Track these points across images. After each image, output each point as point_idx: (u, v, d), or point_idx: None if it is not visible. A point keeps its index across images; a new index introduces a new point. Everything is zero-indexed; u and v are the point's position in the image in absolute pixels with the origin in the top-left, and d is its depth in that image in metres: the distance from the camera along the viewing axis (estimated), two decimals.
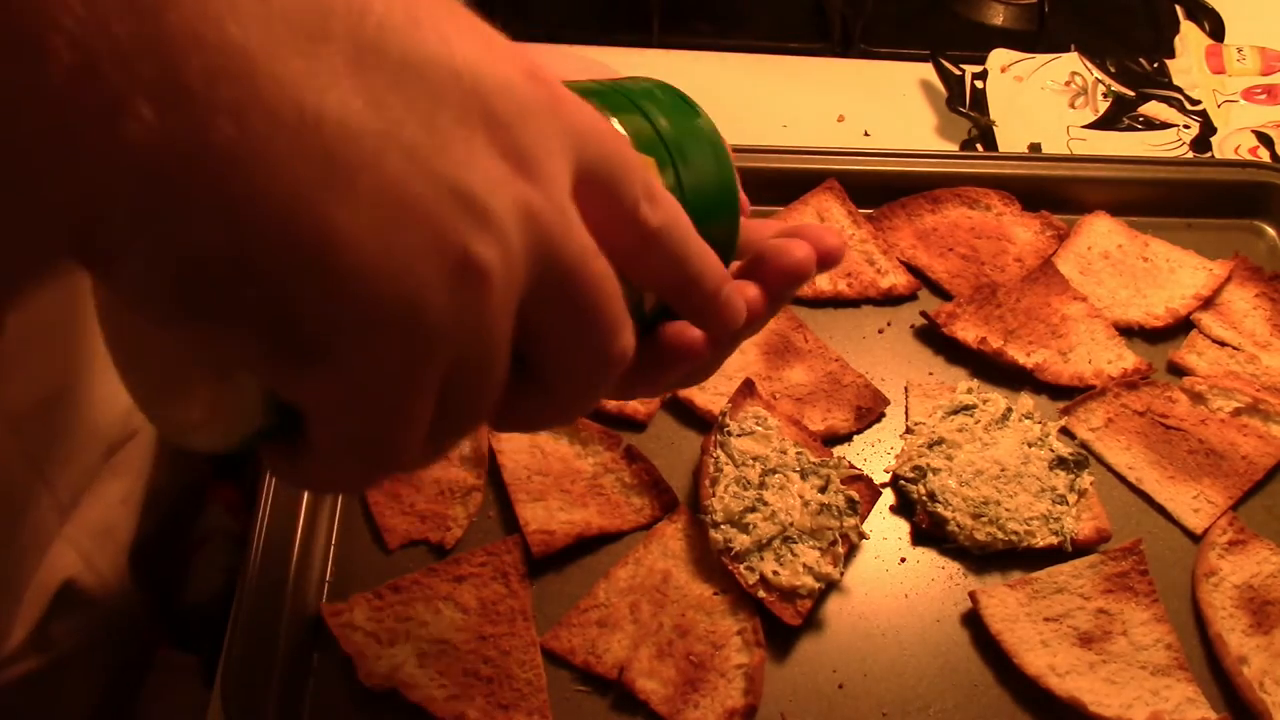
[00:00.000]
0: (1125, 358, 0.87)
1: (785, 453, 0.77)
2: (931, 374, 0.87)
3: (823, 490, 0.76)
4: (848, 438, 0.83)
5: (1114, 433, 0.84)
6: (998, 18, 1.20)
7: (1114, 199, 0.96)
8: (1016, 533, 0.77)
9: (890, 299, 0.91)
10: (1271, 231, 0.98)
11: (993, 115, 1.06)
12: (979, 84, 1.08)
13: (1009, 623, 0.73)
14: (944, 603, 0.76)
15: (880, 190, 0.94)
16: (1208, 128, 1.07)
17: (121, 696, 0.84)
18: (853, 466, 0.79)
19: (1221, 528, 0.79)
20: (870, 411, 0.84)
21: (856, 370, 0.85)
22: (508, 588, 0.73)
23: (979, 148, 1.05)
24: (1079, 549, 0.77)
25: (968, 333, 0.87)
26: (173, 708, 0.84)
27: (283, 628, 0.69)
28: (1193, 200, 0.98)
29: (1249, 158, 1.04)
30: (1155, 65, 1.12)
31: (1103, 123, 1.07)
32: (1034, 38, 1.16)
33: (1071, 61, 1.11)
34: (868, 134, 1.07)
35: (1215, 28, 1.17)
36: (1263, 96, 1.10)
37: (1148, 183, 0.98)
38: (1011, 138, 1.05)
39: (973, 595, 0.74)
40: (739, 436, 0.77)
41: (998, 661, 0.73)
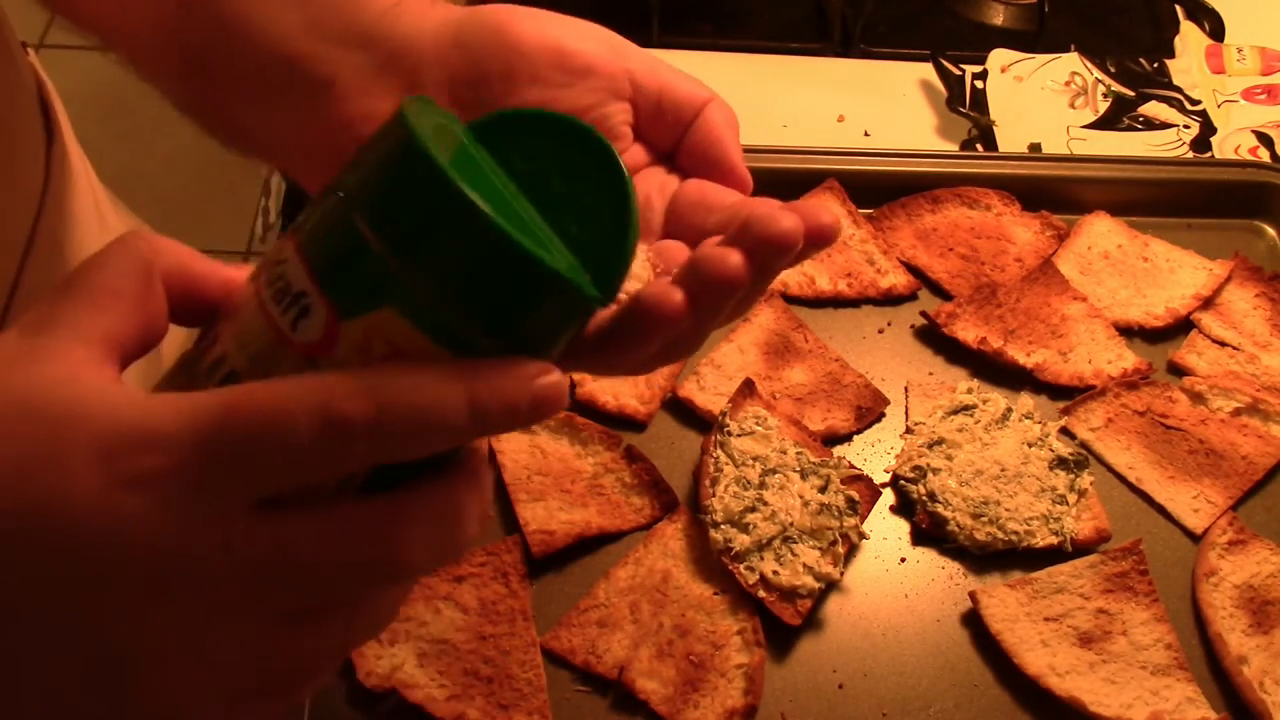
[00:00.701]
0: (1125, 358, 0.87)
1: (785, 453, 0.77)
2: (931, 374, 0.87)
3: (823, 490, 0.76)
4: (848, 438, 0.83)
5: (1114, 433, 0.84)
6: (998, 18, 1.20)
7: (1114, 199, 0.96)
8: (1016, 533, 0.77)
9: (890, 299, 0.91)
10: (1271, 231, 0.98)
11: (993, 115, 1.06)
12: (979, 84, 1.08)
13: (1009, 623, 0.73)
14: (944, 603, 0.76)
15: (880, 190, 0.94)
16: (1208, 128, 1.07)
17: None
18: (853, 466, 0.79)
19: (1221, 528, 0.79)
20: (870, 411, 0.84)
21: (856, 370, 0.85)
22: (508, 588, 0.73)
23: (979, 148, 1.05)
24: (1079, 549, 0.77)
25: (968, 333, 0.87)
26: None
27: None
28: (1193, 200, 0.98)
29: (1249, 158, 1.04)
30: (1155, 65, 1.12)
31: (1103, 123, 1.07)
32: (1034, 38, 1.16)
33: (1071, 61, 1.11)
34: (868, 134, 1.06)
35: (1215, 28, 1.17)
36: (1263, 96, 1.10)
37: (1148, 183, 0.98)
38: (1011, 138, 1.05)
39: (973, 595, 0.74)
40: (739, 436, 0.77)
41: (998, 661, 0.73)
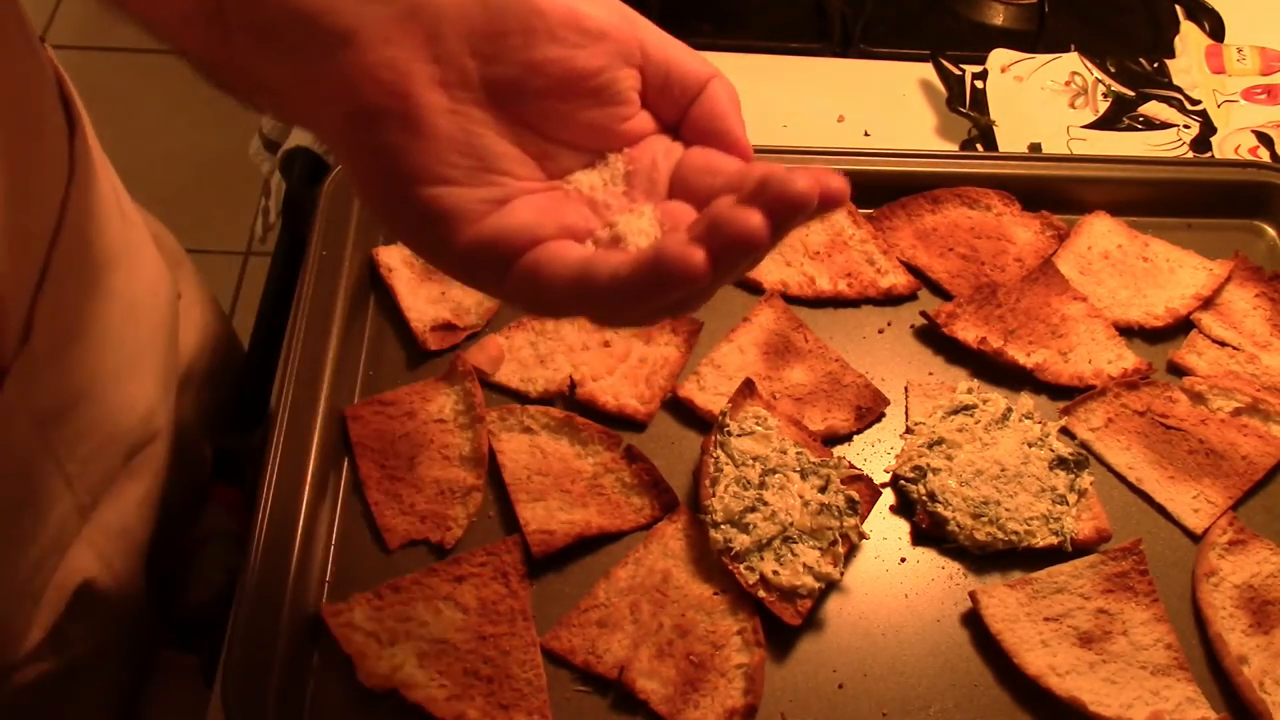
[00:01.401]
0: (1125, 358, 0.87)
1: (785, 453, 0.77)
2: (931, 374, 0.87)
3: (823, 490, 0.76)
4: (848, 438, 0.83)
5: (1114, 433, 0.84)
6: (998, 18, 1.20)
7: (1114, 199, 0.96)
8: (1016, 533, 0.76)
9: (890, 299, 0.91)
10: (1271, 231, 0.98)
11: (993, 115, 1.06)
12: (979, 84, 1.08)
13: (1009, 623, 0.73)
14: (944, 603, 0.76)
15: (880, 190, 0.94)
16: (1208, 128, 1.07)
17: (127, 697, 0.84)
18: (853, 466, 0.79)
19: (1221, 528, 0.79)
20: (870, 411, 0.84)
21: (856, 370, 0.85)
22: (508, 588, 0.73)
23: (979, 148, 1.05)
24: (1079, 549, 0.77)
25: (968, 333, 0.87)
26: (173, 708, 0.84)
27: (283, 628, 0.69)
28: (1193, 200, 0.98)
29: (1249, 158, 1.04)
30: (1155, 65, 1.12)
31: (1103, 123, 1.07)
32: (1034, 38, 1.16)
33: (1071, 61, 1.11)
34: (868, 134, 1.06)
35: (1215, 28, 1.17)
36: (1263, 96, 1.10)
37: (1148, 183, 0.98)
38: (1011, 138, 1.05)
39: (973, 595, 0.74)
40: (739, 436, 0.77)
41: (998, 661, 0.73)
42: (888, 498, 0.80)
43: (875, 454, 0.83)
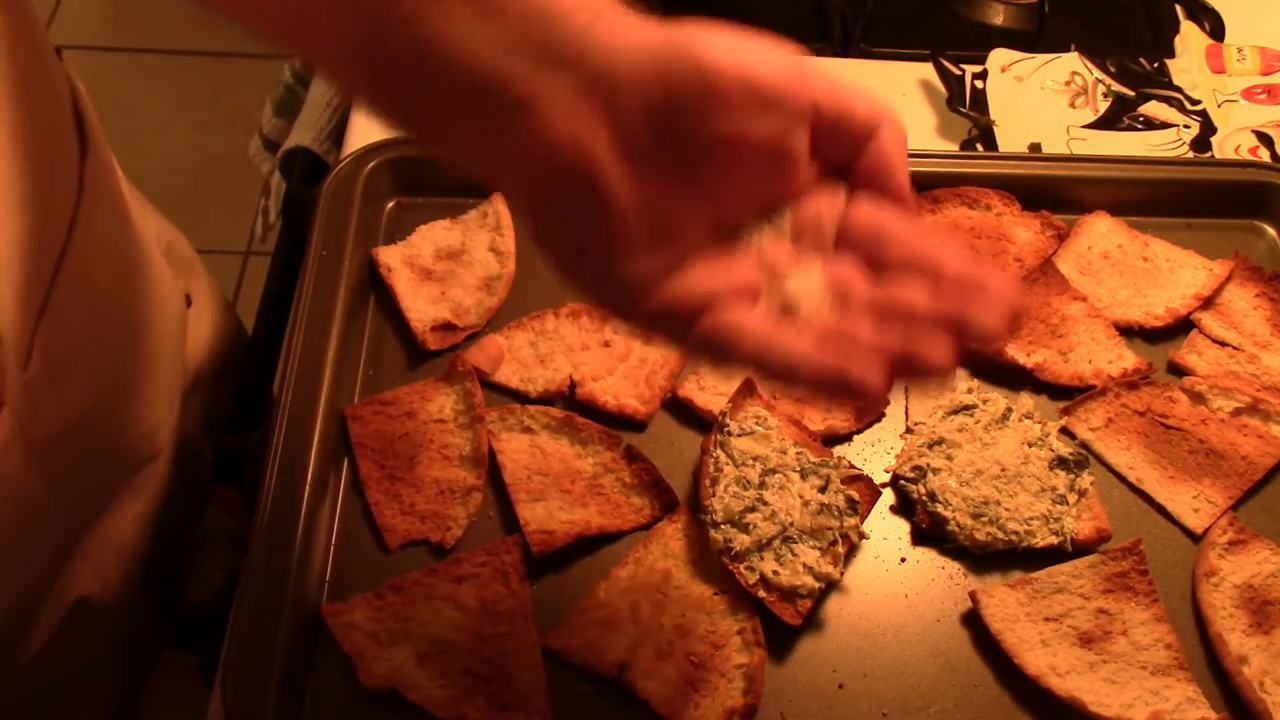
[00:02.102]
0: (1125, 358, 0.87)
1: (785, 453, 0.77)
2: None
3: (823, 490, 0.76)
4: (848, 438, 0.83)
5: (1114, 433, 0.84)
6: (998, 18, 1.20)
7: (1114, 199, 0.96)
8: (1016, 533, 0.76)
9: None
10: (1271, 231, 0.98)
11: (993, 115, 1.06)
12: (979, 84, 1.08)
13: (1009, 623, 0.73)
14: (944, 603, 0.76)
15: None
16: (1208, 128, 1.06)
17: (126, 699, 0.84)
18: (853, 466, 0.79)
19: (1221, 528, 0.79)
20: (870, 411, 0.84)
21: None
22: (508, 588, 0.73)
23: (979, 148, 1.05)
24: (1079, 549, 0.77)
25: None
26: (173, 708, 0.84)
27: (283, 628, 0.69)
28: (1193, 200, 0.97)
29: (1249, 158, 1.04)
30: (1155, 65, 1.12)
31: (1103, 123, 1.07)
32: (1034, 38, 1.16)
33: (1071, 61, 1.11)
34: None
35: (1215, 28, 1.17)
36: (1263, 96, 1.10)
37: (1148, 183, 0.98)
38: (1011, 138, 1.05)
39: (973, 595, 0.74)
40: (739, 436, 0.77)
41: (998, 661, 0.73)
42: (888, 498, 0.80)
43: (875, 454, 0.83)
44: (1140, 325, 0.90)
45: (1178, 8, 1.19)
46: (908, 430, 0.83)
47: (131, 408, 0.74)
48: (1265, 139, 1.05)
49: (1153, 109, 1.08)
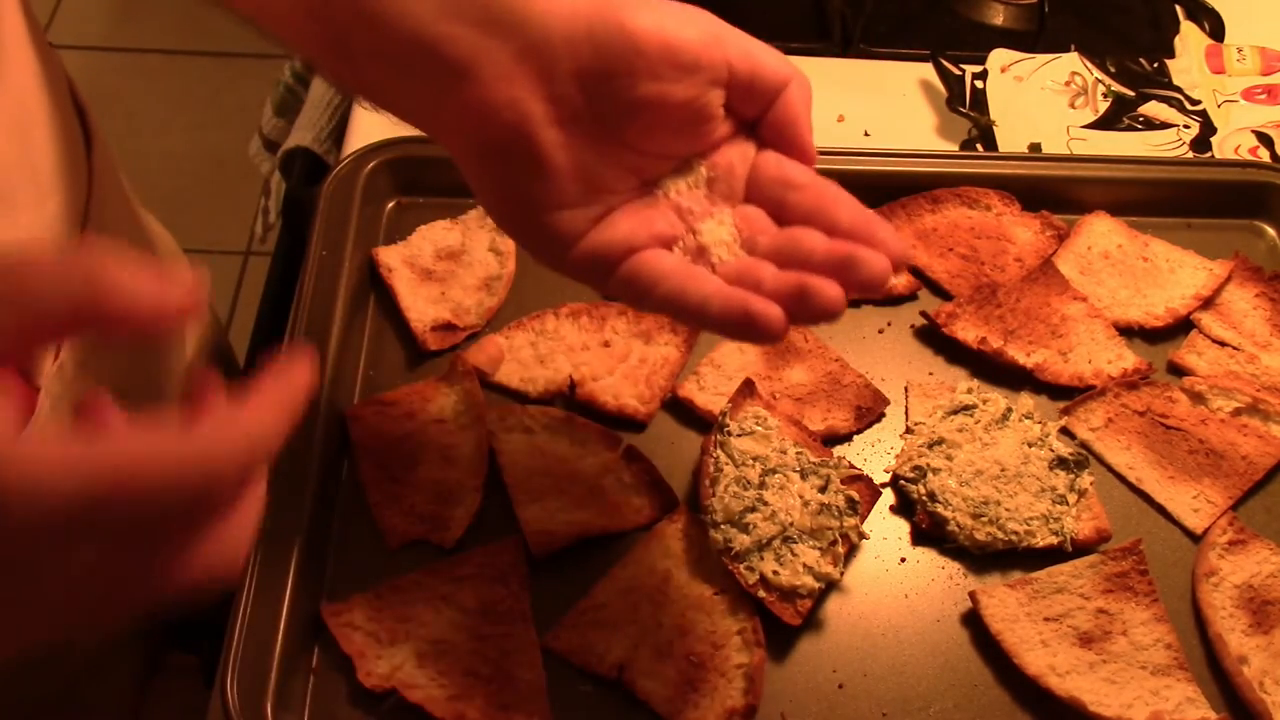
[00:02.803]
0: (1125, 358, 0.87)
1: (785, 453, 0.77)
2: (931, 374, 0.87)
3: (823, 490, 0.76)
4: (848, 438, 0.83)
5: (1114, 433, 0.84)
6: (998, 18, 1.20)
7: (1114, 199, 0.96)
8: (1016, 533, 0.77)
9: (890, 299, 0.91)
10: (1271, 231, 0.98)
11: (993, 115, 1.06)
12: (979, 84, 1.08)
13: (1009, 623, 0.73)
14: (944, 603, 0.76)
15: (880, 190, 0.94)
16: (1208, 128, 1.07)
17: (135, 696, 0.84)
18: (853, 466, 0.79)
19: (1221, 528, 0.79)
20: (870, 411, 0.84)
21: (856, 370, 0.85)
22: (508, 588, 0.73)
23: (979, 148, 1.05)
24: (1079, 549, 0.77)
25: (968, 333, 0.87)
26: (173, 708, 0.84)
27: (283, 628, 0.69)
28: (1193, 200, 0.97)
29: (1249, 158, 1.04)
30: (1155, 65, 1.12)
31: (1103, 123, 1.07)
32: (1034, 38, 1.16)
33: (1071, 61, 1.11)
34: (868, 134, 1.06)
35: (1215, 28, 1.17)
36: (1263, 96, 1.10)
37: (1148, 183, 0.98)
38: (1011, 138, 1.05)
39: (973, 595, 0.74)
40: (739, 436, 0.77)
41: (998, 661, 0.73)
42: (888, 498, 0.80)
43: (875, 454, 0.83)
44: (1140, 325, 0.90)
45: (1178, 8, 1.19)
46: (908, 430, 0.83)
47: (145, 401, 0.74)
48: (1265, 139, 1.05)
49: (1153, 109, 1.08)
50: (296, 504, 0.74)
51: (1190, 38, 1.15)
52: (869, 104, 1.09)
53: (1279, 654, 0.73)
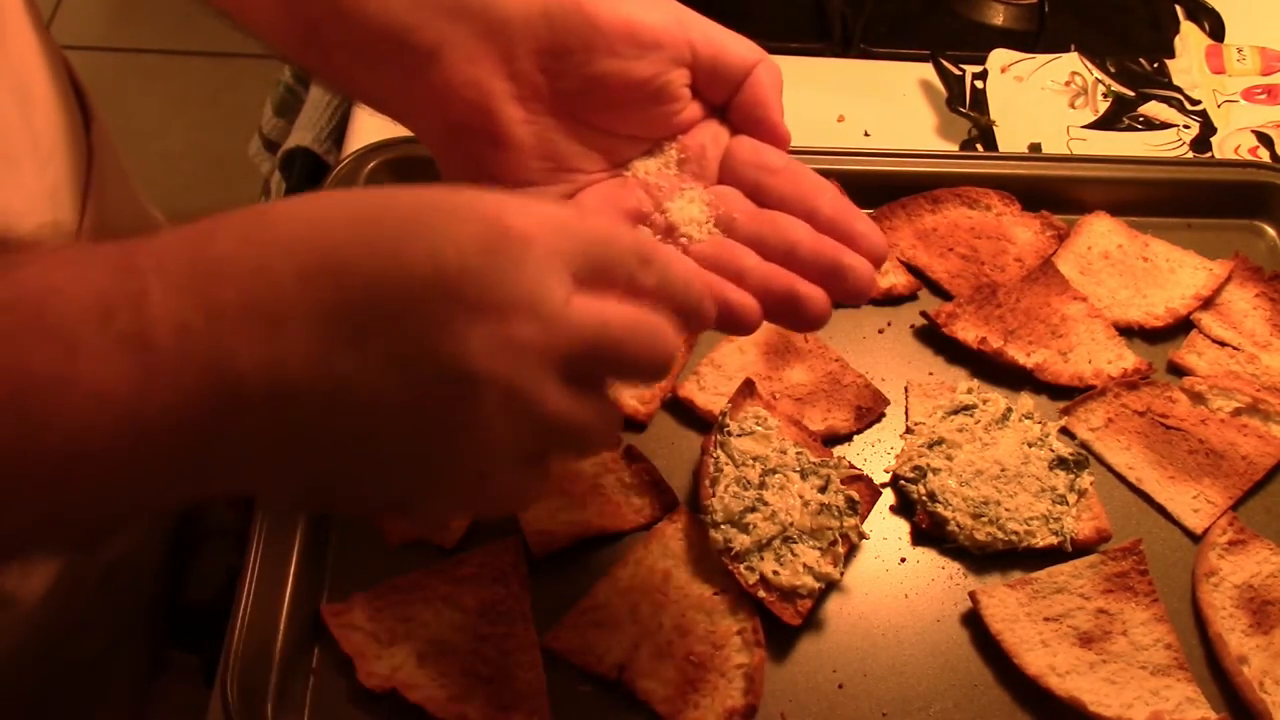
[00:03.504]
0: (1125, 358, 0.87)
1: (785, 453, 0.77)
2: (931, 374, 0.87)
3: (823, 490, 0.76)
4: (848, 438, 0.83)
5: (1114, 433, 0.84)
6: (998, 18, 1.20)
7: (1114, 199, 0.96)
8: (1016, 533, 0.76)
9: (890, 299, 0.91)
10: (1271, 231, 0.98)
11: (993, 115, 1.06)
12: (979, 84, 1.08)
13: (1009, 623, 0.73)
14: (944, 603, 0.76)
15: (880, 190, 0.94)
16: (1208, 128, 1.07)
17: (135, 697, 0.84)
18: (853, 466, 0.79)
19: (1221, 528, 0.79)
20: (870, 411, 0.84)
21: (856, 370, 0.85)
22: (508, 588, 0.73)
23: (979, 148, 1.05)
24: (1079, 549, 0.77)
25: (968, 333, 0.87)
26: (173, 707, 0.84)
27: (283, 628, 0.69)
28: (1193, 200, 0.97)
29: (1249, 158, 1.04)
30: (1155, 65, 1.12)
31: (1103, 123, 1.07)
32: (1034, 38, 1.16)
33: (1071, 61, 1.11)
34: (868, 134, 1.06)
35: (1215, 28, 1.17)
36: (1263, 96, 1.10)
37: (1148, 183, 0.98)
38: (1011, 138, 1.05)
39: (973, 595, 0.74)
40: (739, 436, 0.77)
41: (998, 661, 0.73)
42: (888, 498, 0.80)
43: (875, 454, 0.83)
44: (1140, 325, 0.90)
45: (1178, 8, 1.19)
46: (908, 430, 0.83)
47: None
48: (1265, 139, 1.05)
49: (1153, 109, 1.08)
50: None
51: (1190, 38, 1.15)
52: (869, 104, 1.09)
53: (1279, 654, 0.73)
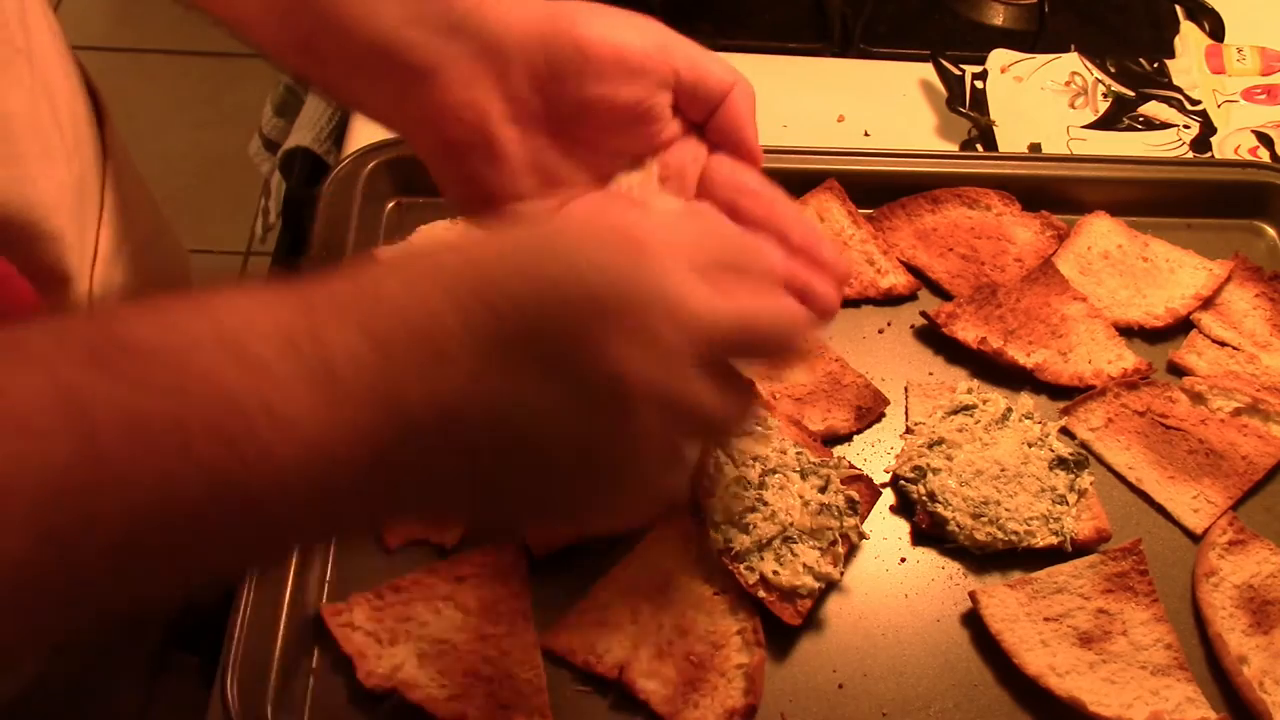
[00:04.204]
0: (1125, 358, 0.87)
1: (785, 453, 0.77)
2: (931, 374, 0.87)
3: (823, 490, 0.76)
4: (848, 438, 0.83)
5: (1114, 433, 0.84)
6: (998, 18, 1.20)
7: (1114, 199, 0.96)
8: (1016, 533, 0.76)
9: (890, 299, 0.91)
10: (1271, 231, 0.98)
11: (993, 115, 1.06)
12: (979, 84, 1.08)
13: (1009, 623, 0.73)
14: (944, 603, 0.76)
15: (880, 190, 0.94)
16: (1208, 128, 1.06)
17: (139, 697, 0.84)
18: (853, 466, 0.79)
19: (1221, 528, 0.79)
20: (870, 411, 0.84)
21: (856, 370, 0.85)
22: (508, 588, 0.73)
23: (979, 148, 1.05)
24: (1079, 549, 0.77)
25: (968, 333, 0.87)
26: (173, 707, 0.84)
27: (283, 628, 0.69)
28: (1193, 200, 0.97)
29: (1249, 158, 1.04)
30: (1155, 65, 1.12)
31: (1103, 123, 1.07)
32: (1034, 38, 1.16)
33: (1071, 61, 1.11)
34: (868, 134, 1.06)
35: (1215, 28, 1.17)
36: (1263, 96, 1.10)
37: (1148, 183, 0.98)
38: (1011, 138, 1.05)
39: (973, 595, 0.74)
40: (739, 436, 0.77)
41: (998, 661, 0.73)
42: (888, 498, 0.80)
43: (875, 454, 0.83)
44: (1140, 325, 0.90)
45: (1178, 8, 1.19)
46: (908, 430, 0.83)
47: None
48: (1265, 139, 1.05)
49: (1153, 109, 1.08)
50: None
51: (1190, 38, 1.15)
52: (869, 104, 1.09)
53: (1279, 654, 0.73)
